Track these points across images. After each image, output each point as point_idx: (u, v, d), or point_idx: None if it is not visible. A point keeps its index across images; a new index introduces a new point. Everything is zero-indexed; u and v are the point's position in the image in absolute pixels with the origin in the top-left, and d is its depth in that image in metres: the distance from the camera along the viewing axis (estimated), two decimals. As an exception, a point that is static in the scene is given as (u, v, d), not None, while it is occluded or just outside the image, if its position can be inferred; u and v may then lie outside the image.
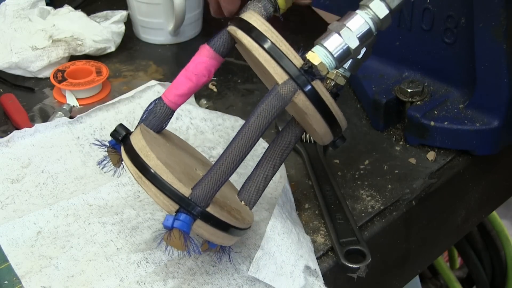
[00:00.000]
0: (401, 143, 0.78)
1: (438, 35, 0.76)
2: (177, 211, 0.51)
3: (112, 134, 0.57)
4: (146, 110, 0.59)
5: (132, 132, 0.57)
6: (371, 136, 0.80)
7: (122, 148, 0.55)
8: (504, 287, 1.30)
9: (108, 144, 0.58)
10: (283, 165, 0.73)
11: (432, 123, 0.74)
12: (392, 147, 0.78)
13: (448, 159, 0.76)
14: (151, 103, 0.58)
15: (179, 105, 0.58)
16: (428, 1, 0.75)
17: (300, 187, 0.72)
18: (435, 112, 0.75)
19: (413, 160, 0.76)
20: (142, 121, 0.58)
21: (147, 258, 0.61)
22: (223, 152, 0.53)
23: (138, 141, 0.54)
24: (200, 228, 0.52)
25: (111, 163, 0.60)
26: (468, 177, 0.78)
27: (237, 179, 0.69)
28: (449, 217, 0.80)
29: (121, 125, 0.57)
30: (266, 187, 0.58)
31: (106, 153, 0.59)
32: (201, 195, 0.51)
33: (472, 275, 1.31)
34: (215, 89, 0.89)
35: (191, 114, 0.79)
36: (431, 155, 0.76)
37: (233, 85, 0.90)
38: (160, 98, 0.58)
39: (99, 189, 0.68)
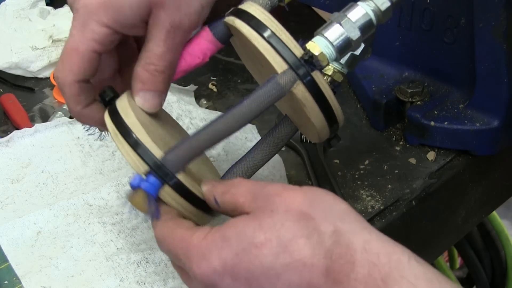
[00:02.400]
0: (401, 143, 0.78)
1: (438, 35, 0.76)
2: (147, 173, 0.50)
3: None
4: None
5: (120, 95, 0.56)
6: (371, 136, 0.80)
7: (107, 108, 0.55)
8: (504, 287, 1.30)
9: None
10: (282, 165, 0.73)
11: (432, 123, 0.74)
12: (392, 147, 0.78)
13: (448, 159, 0.76)
14: None
15: None
16: (428, 1, 0.75)
17: (300, 187, 0.72)
18: (435, 112, 0.75)
19: (413, 160, 0.76)
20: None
21: (147, 258, 0.61)
22: (207, 124, 0.52)
23: (121, 101, 0.53)
24: (167, 194, 0.50)
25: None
26: (468, 177, 0.78)
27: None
28: (449, 217, 0.80)
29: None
30: (250, 177, 0.57)
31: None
32: (174, 161, 0.50)
33: (472, 275, 1.31)
34: (215, 89, 0.89)
35: (191, 114, 0.79)
36: (431, 155, 0.76)
37: (233, 85, 0.90)
38: None
39: (99, 189, 0.68)
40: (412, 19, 0.77)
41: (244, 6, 0.53)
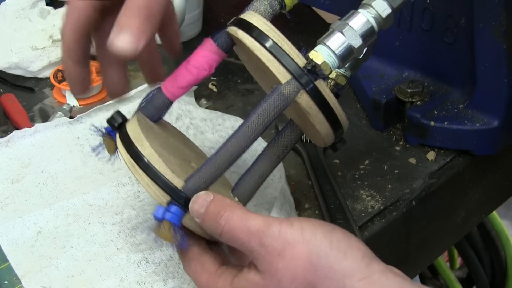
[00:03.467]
0: (401, 143, 0.78)
1: (438, 35, 0.76)
2: (169, 203, 0.51)
3: (108, 121, 0.56)
4: (144, 98, 0.58)
5: (128, 120, 0.56)
6: (371, 136, 0.80)
7: (117, 135, 0.55)
8: (504, 287, 1.30)
9: (103, 131, 0.57)
10: (282, 165, 0.73)
11: (432, 123, 0.75)
12: (392, 147, 0.78)
13: (448, 159, 0.76)
14: (150, 92, 0.58)
15: (177, 97, 0.57)
16: (428, 1, 0.75)
17: (300, 187, 0.72)
18: (435, 112, 0.75)
19: (413, 160, 0.76)
20: (140, 109, 0.57)
21: (147, 258, 0.61)
22: (220, 147, 0.52)
23: (133, 129, 0.53)
24: (191, 221, 0.51)
25: (105, 150, 0.59)
26: (468, 177, 0.78)
27: (236, 178, 0.69)
28: (449, 217, 0.80)
29: (118, 112, 0.56)
30: (261, 185, 0.58)
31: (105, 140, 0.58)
32: (194, 188, 0.51)
33: (472, 275, 1.31)
34: (215, 89, 0.89)
35: (191, 114, 0.79)
36: (431, 155, 0.76)
37: (233, 85, 0.90)
38: (159, 88, 0.57)
39: (99, 189, 0.68)
40: (412, 19, 0.77)
41: (246, 16, 0.53)
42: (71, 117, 0.79)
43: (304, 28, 1.00)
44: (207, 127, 0.78)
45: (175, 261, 0.60)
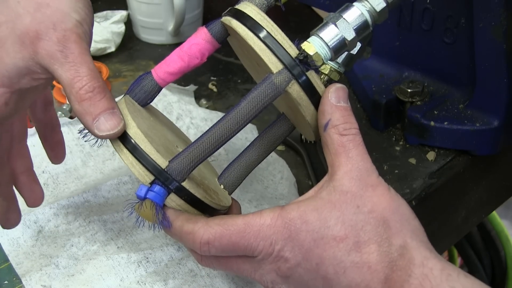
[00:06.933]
0: (401, 143, 0.78)
1: (438, 35, 0.76)
2: (152, 182, 0.51)
3: None
4: (134, 82, 0.58)
5: (116, 102, 0.56)
6: (371, 136, 0.80)
7: None
8: (504, 287, 1.30)
9: None
10: (286, 166, 0.73)
11: (432, 123, 0.75)
12: (392, 147, 0.78)
13: (448, 159, 0.76)
14: (140, 76, 0.58)
15: (167, 83, 0.57)
16: (428, 1, 0.75)
17: (300, 187, 0.72)
18: (435, 112, 0.75)
19: (413, 160, 0.76)
20: (128, 92, 0.57)
21: (147, 258, 0.61)
22: (207, 130, 0.52)
23: (120, 110, 0.53)
24: (174, 202, 0.51)
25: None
26: (468, 177, 0.78)
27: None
28: (449, 217, 0.80)
29: None
30: (247, 175, 0.58)
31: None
32: (178, 169, 0.51)
33: (472, 275, 1.31)
34: (215, 89, 0.89)
35: (192, 114, 0.79)
36: (431, 155, 0.76)
37: (233, 85, 0.90)
38: (149, 72, 0.57)
39: (99, 187, 0.68)
40: (412, 19, 0.77)
41: (240, 6, 0.53)
42: (71, 117, 0.79)
43: (304, 28, 0.99)
44: (207, 126, 0.78)
45: (175, 261, 0.61)
